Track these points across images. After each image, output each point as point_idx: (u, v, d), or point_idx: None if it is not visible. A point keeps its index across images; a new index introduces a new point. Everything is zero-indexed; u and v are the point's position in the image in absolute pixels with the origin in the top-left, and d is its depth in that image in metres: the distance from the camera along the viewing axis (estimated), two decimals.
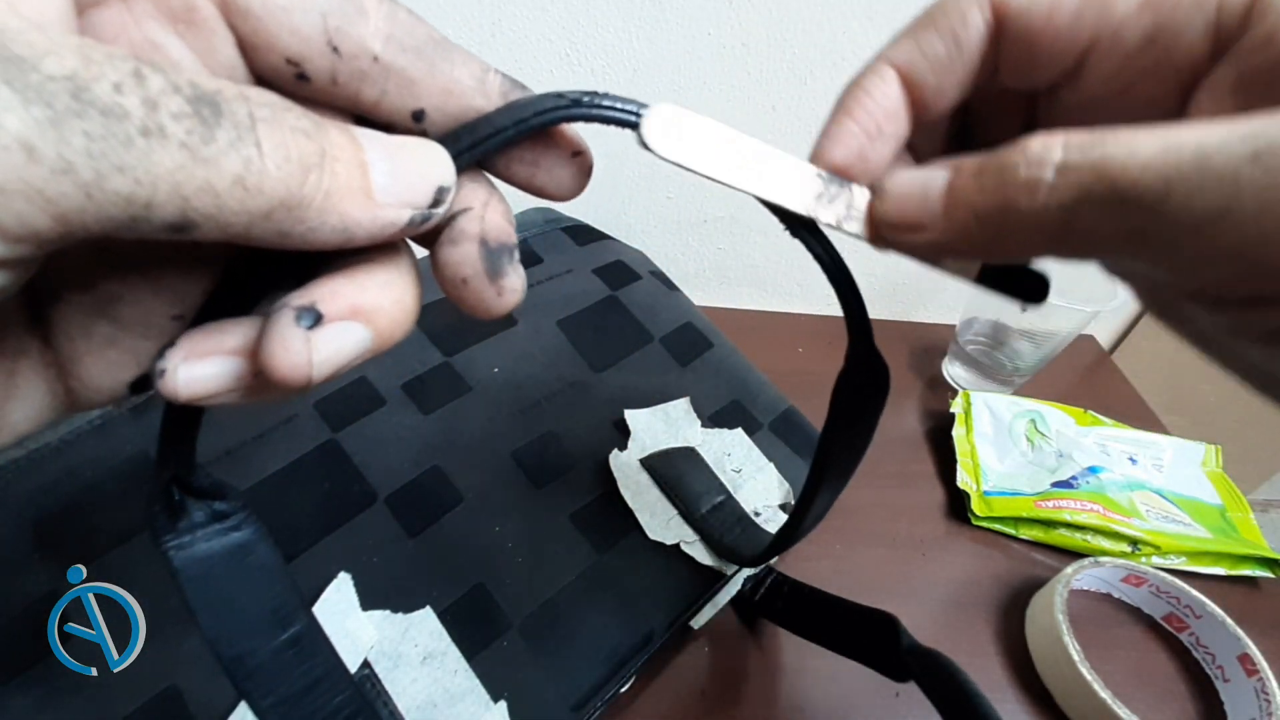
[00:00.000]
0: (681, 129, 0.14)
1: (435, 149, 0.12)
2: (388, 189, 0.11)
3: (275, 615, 0.15)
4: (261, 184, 0.10)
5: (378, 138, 0.12)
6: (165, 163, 0.09)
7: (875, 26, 0.46)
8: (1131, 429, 0.49)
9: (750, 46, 0.47)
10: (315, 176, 0.10)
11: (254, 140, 0.10)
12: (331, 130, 0.11)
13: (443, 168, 0.12)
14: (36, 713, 0.24)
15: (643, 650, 0.31)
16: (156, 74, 0.09)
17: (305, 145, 0.10)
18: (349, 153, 0.11)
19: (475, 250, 0.13)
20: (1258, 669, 0.34)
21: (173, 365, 0.11)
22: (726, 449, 0.38)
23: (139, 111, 0.09)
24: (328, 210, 0.11)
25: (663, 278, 0.47)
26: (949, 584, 0.41)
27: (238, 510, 0.15)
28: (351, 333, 0.12)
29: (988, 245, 0.13)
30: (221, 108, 0.09)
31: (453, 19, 0.44)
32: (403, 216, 0.12)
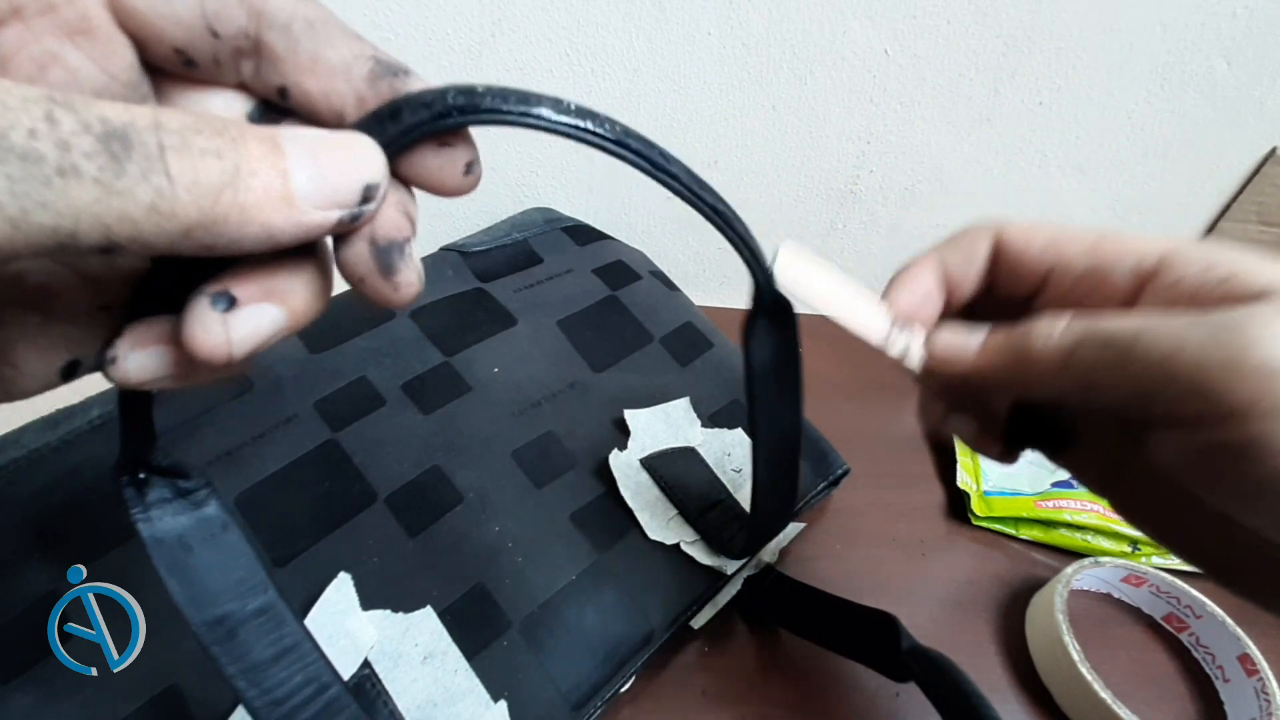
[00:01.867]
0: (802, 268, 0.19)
1: (365, 145, 0.13)
2: (311, 194, 0.12)
3: (241, 585, 0.16)
4: (174, 209, 0.10)
5: (302, 139, 0.12)
6: (82, 197, 0.10)
7: (875, 26, 0.46)
8: None
9: (750, 46, 0.47)
10: (229, 194, 0.11)
11: (163, 170, 0.10)
12: (250, 142, 0.11)
13: (371, 165, 0.13)
14: (36, 713, 0.24)
15: (643, 650, 0.31)
16: (68, 114, 0.09)
17: (215, 167, 0.11)
18: (267, 163, 0.11)
19: (365, 249, 0.13)
20: (1258, 669, 0.34)
21: (122, 353, 0.13)
22: (726, 449, 0.38)
23: (53, 154, 0.09)
24: (247, 223, 0.11)
25: (663, 278, 0.47)
26: (949, 584, 0.41)
27: (201, 487, 0.16)
28: (265, 313, 0.13)
29: (1009, 377, 0.19)
30: (131, 140, 0.10)
31: (453, 19, 0.44)
32: (330, 218, 0.12)
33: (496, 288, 0.41)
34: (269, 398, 0.32)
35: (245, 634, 0.16)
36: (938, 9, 0.45)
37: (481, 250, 0.43)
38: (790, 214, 0.56)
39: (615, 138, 0.14)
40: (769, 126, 0.51)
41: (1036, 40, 0.47)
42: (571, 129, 0.13)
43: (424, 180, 0.14)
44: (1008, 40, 0.47)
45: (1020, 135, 0.52)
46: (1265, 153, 0.54)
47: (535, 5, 0.44)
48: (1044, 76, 0.49)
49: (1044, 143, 0.52)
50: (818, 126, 0.51)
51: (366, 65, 0.14)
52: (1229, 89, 0.50)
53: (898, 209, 0.56)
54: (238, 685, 0.16)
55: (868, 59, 0.47)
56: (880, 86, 0.49)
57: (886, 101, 0.50)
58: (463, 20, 0.44)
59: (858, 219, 0.57)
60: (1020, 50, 0.47)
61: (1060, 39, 0.47)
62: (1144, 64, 0.48)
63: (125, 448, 0.15)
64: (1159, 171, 0.54)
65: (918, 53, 0.47)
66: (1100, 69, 0.48)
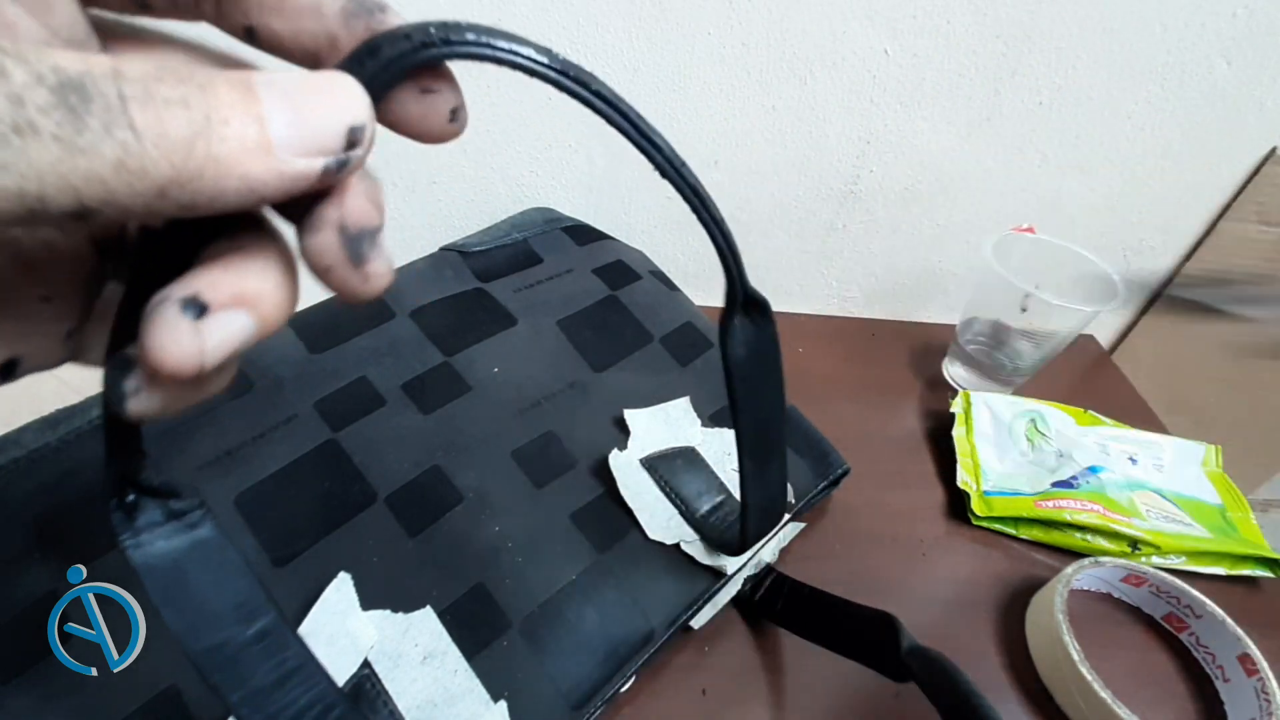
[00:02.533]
0: None
1: (346, 85, 0.12)
2: (292, 140, 0.11)
3: (241, 609, 0.16)
4: (144, 165, 0.10)
5: (276, 83, 0.11)
6: (44, 157, 0.09)
7: (875, 26, 0.46)
8: (1131, 429, 0.49)
9: (750, 46, 0.47)
10: (202, 145, 0.10)
11: (126, 123, 0.09)
12: (219, 88, 0.10)
13: (354, 105, 0.12)
14: (36, 713, 0.24)
15: (643, 650, 0.31)
16: (18, 65, 0.09)
17: (183, 117, 0.10)
18: (240, 109, 0.10)
19: (334, 238, 0.12)
20: (1258, 669, 0.34)
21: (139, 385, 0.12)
22: (726, 449, 0.38)
23: (6, 110, 0.09)
24: (224, 175, 0.10)
25: (663, 278, 0.47)
26: (949, 584, 0.41)
27: (194, 508, 0.15)
28: (237, 320, 0.12)
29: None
30: (89, 91, 0.09)
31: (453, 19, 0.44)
32: (314, 166, 0.11)
33: (496, 288, 0.41)
34: (269, 398, 0.32)
35: (247, 659, 0.15)
36: (938, 9, 0.45)
37: (481, 250, 0.43)
38: (790, 214, 0.56)
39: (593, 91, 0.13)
40: (769, 126, 0.51)
41: (1036, 40, 0.47)
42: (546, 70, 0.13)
43: (408, 127, 0.13)
44: (1008, 40, 0.47)
45: (1020, 135, 0.52)
46: (1265, 153, 0.54)
47: (535, 5, 0.44)
48: (1044, 76, 0.49)
49: (1044, 143, 0.52)
50: (818, 126, 0.51)
51: (339, 2, 0.13)
52: (1229, 89, 0.50)
53: (898, 209, 0.56)
54: (241, 713, 0.15)
55: (868, 59, 0.47)
56: (880, 86, 0.49)
57: (886, 101, 0.50)
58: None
59: (858, 219, 0.57)
60: (1020, 50, 0.47)
61: (1060, 39, 0.47)
62: (1144, 64, 0.48)
63: (111, 468, 0.14)
64: (1159, 171, 0.55)
65: (918, 53, 0.47)
66: (1100, 69, 0.48)
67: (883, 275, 0.61)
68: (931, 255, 0.60)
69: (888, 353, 0.57)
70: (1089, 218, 0.58)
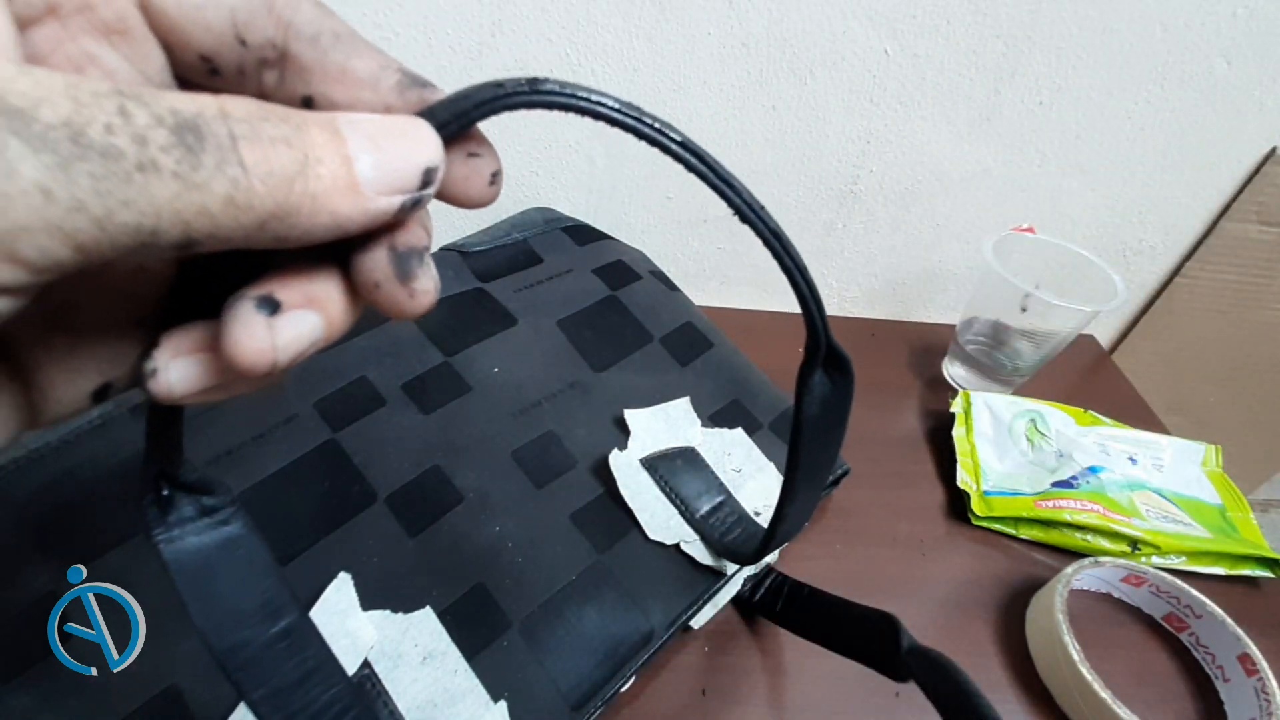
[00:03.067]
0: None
1: (421, 129, 0.13)
2: (374, 180, 0.12)
3: (266, 608, 0.16)
4: (250, 200, 0.10)
5: (361, 125, 0.12)
6: (163, 193, 0.09)
7: (875, 26, 0.46)
8: (1131, 429, 0.49)
9: (750, 46, 0.47)
10: (300, 183, 0.11)
11: (237, 160, 0.10)
12: (312, 129, 0.11)
13: (429, 148, 0.13)
14: (36, 713, 0.24)
15: (643, 650, 0.31)
16: (140, 107, 0.09)
17: (286, 155, 0.11)
18: (331, 150, 0.11)
19: (384, 255, 0.13)
20: (1258, 669, 0.34)
21: (163, 364, 0.12)
22: (726, 449, 0.38)
23: (131, 149, 0.09)
24: (318, 211, 0.11)
25: (663, 278, 0.47)
26: (949, 584, 0.41)
27: (226, 505, 0.16)
28: (308, 320, 0.12)
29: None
30: (203, 131, 0.10)
31: (453, 19, 0.44)
32: (393, 203, 0.12)
33: (496, 288, 0.41)
34: (269, 397, 0.32)
35: (270, 658, 0.15)
36: (938, 9, 0.45)
37: (481, 250, 0.43)
38: (790, 214, 0.56)
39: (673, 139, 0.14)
40: (769, 126, 0.51)
41: (1036, 40, 0.47)
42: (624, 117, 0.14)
43: (452, 189, 0.14)
44: (1008, 40, 0.47)
45: (1020, 135, 0.52)
46: (1265, 153, 0.54)
47: (535, 5, 0.44)
48: (1044, 76, 0.49)
49: (1044, 143, 0.52)
50: (818, 126, 0.51)
51: (394, 76, 0.14)
52: (1229, 89, 0.50)
53: (898, 209, 0.56)
54: (260, 711, 0.15)
55: (868, 59, 0.47)
56: (880, 86, 0.49)
57: (886, 101, 0.50)
58: (463, 20, 0.44)
59: (858, 219, 0.57)
60: (1020, 50, 0.47)
61: (1060, 39, 0.47)
62: (1144, 64, 0.48)
63: (150, 462, 0.14)
64: (1159, 171, 0.55)
65: (918, 53, 0.47)
66: (1100, 69, 0.48)
67: (883, 275, 0.61)
68: (931, 255, 0.60)
69: (888, 353, 0.57)
70: (1089, 218, 0.58)
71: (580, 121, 0.14)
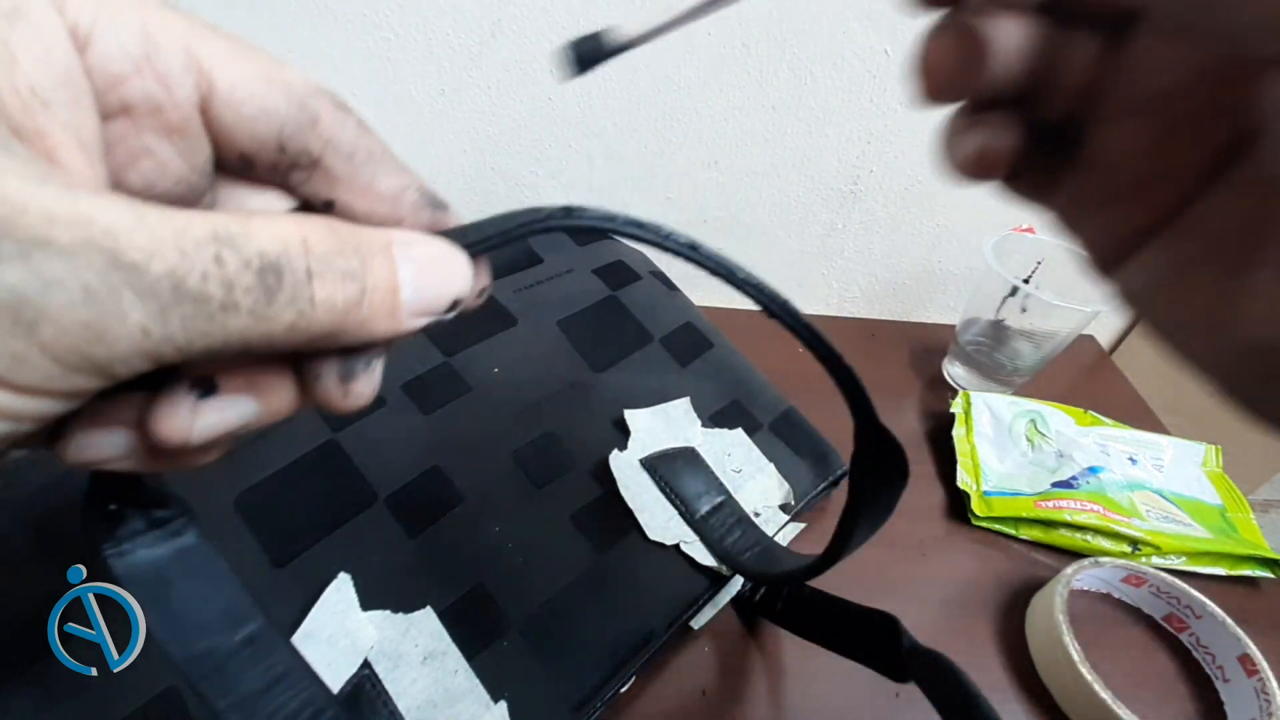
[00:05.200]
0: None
1: (459, 262, 0.14)
2: (411, 304, 0.13)
3: (227, 616, 0.16)
4: (310, 326, 0.12)
5: (412, 256, 0.13)
6: (236, 325, 0.11)
7: (875, 26, 0.46)
8: (1131, 429, 0.49)
9: (750, 46, 0.47)
10: (355, 311, 0.12)
11: (309, 296, 0.11)
12: (375, 260, 0.12)
13: (462, 280, 0.14)
14: (36, 713, 0.24)
15: (643, 650, 0.31)
16: (233, 253, 0.11)
17: (351, 289, 0.12)
18: (385, 280, 0.13)
19: (333, 366, 0.14)
20: (1258, 669, 0.34)
21: (73, 430, 0.12)
22: (726, 449, 0.38)
23: (219, 294, 0.11)
24: (360, 331, 0.12)
25: (663, 278, 0.47)
26: (949, 584, 0.41)
27: (178, 517, 0.16)
28: (237, 406, 0.13)
29: None
30: (283, 270, 0.11)
31: (453, 19, 0.44)
32: (419, 324, 0.13)
33: (496, 288, 0.41)
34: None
35: (235, 665, 0.15)
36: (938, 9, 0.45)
37: None
38: (790, 214, 0.56)
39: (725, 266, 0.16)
40: (769, 126, 0.51)
41: None
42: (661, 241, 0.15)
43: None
44: None
45: None
46: None
47: (535, 5, 0.44)
48: None
49: None
50: (818, 126, 0.51)
51: (413, 195, 0.15)
52: None
53: (898, 209, 0.56)
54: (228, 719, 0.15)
55: (868, 59, 0.47)
56: (880, 86, 0.49)
57: (886, 101, 0.50)
58: (463, 20, 0.44)
59: (858, 219, 0.57)
60: None
61: None
62: None
63: (95, 480, 0.14)
64: None
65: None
66: None
67: (883, 275, 0.61)
68: (931, 255, 0.60)
69: (888, 353, 0.57)
70: None
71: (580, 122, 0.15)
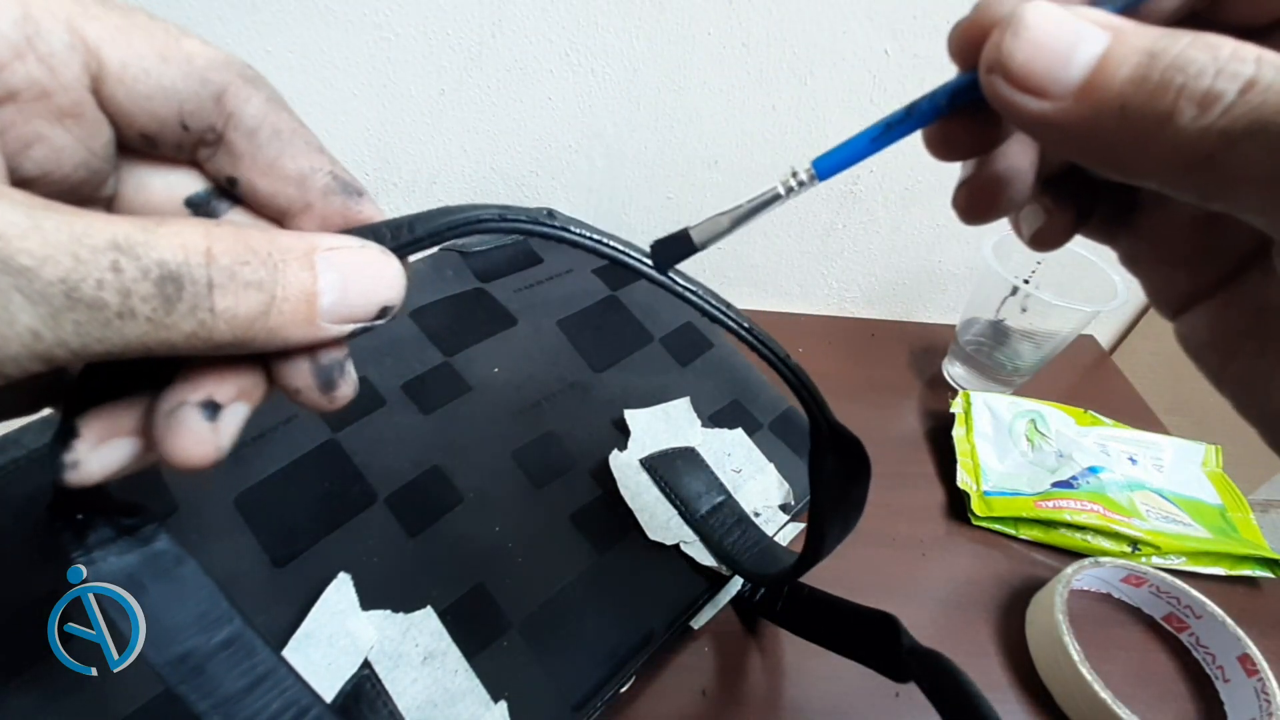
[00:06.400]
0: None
1: (390, 269, 0.14)
2: (334, 311, 0.13)
3: (203, 619, 0.16)
4: (212, 335, 0.11)
5: (335, 262, 0.13)
6: (134, 332, 0.11)
7: (875, 26, 0.46)
8: (1131, 429, 0.49)
9: (750, 46, 0.47)
10: (263, 321, 0.12)
11: (209, 306, 0.11)
12: (290, 267, 0.12)
13: (391, 287, 0.14)
14: (36, 713, 0.24)
15: (643, 650, 0.31)
16: (131, 262, 0.11)
17: (255, 299, 0.12)
18: (299, 289, 0.12)
19: (307, 368, 0.14)
20: (1258, 669, 0.34)
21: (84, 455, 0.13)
22: (726, 449, 0.38)
23: (115, 301, 0.10)
24: (272, 341, 0.12)
25: None
26: (949, 584, 0.41)
27: (147, 523, 0.16)
28: (241, 411, 0.14)
29: (1114, 151, 0.11)
30: (183, 280, 0.11)
31: (453, 19, 0.44)
32: (343, 331, 0.13)
33: (496, 288, 0.41)
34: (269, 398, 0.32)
35: (213, 668, 0.15)
36: (938, 9, 0.45)
37: (481, 250, 0.43)
38: (790, 214, 0.56)
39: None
40: (769, 126, 0.51)
41: None
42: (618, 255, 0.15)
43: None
44: None
45: None
46: None
47: (535, 5, 0.44)
48: None
49: None
50: (818, 126, 0.51)
51: (323, 180, 0.15)
52: None
53: (898, 209, 0.56)
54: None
55: (868, 59, 0.47)
56: (880, 86, 0.49)
57: (886, 101, 0.50)
58: (463, 20, 0.44)
59: (858, 219, 0.57)
60: None
61: None
62: None
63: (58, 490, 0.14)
64: None
65: (918, 53, 0.47)
66: None
67: (883, 275, 0.61)
68: (931, 255, 0.60)
69: (888, 353, 0.57)
70: None
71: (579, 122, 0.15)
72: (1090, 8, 0.12)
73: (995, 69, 0.12)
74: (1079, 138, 0.12)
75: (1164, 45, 0.10)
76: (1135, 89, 0.11)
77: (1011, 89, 0.12)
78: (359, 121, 0.48)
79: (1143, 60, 0.11)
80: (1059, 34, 0.11)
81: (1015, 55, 0.12)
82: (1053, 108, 0.11)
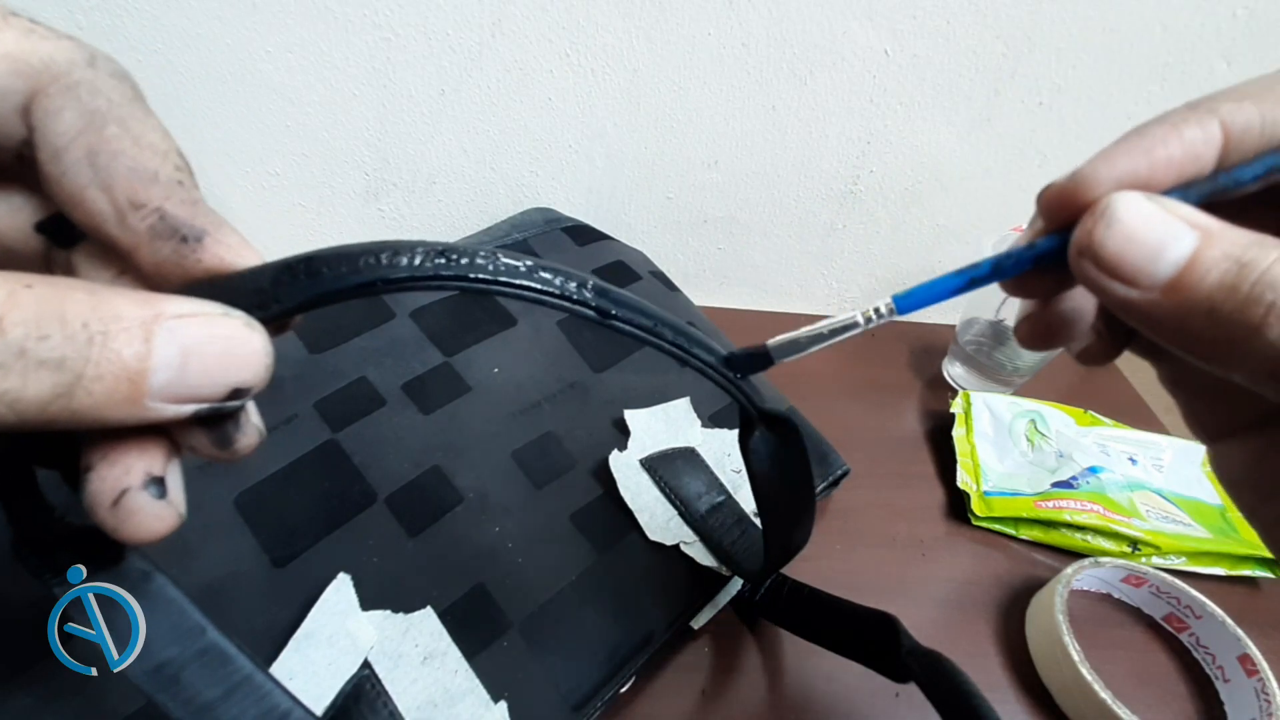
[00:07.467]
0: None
1: (247, 346, 0.12)
2: (167, 391, 0.11)
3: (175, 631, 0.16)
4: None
5: (179, 333, 0.11)
6: None
7: (875, 26, 0.46)
8: (1131, 429, 0.49)
9: (750, 46, 0.47)
10: (62, 402, 0.10)
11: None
12: (115, 341, 0.10)
13: (247, 368, 0.12)
14: (36, 713, 0.24)
15: (643, 650, 0.31)
16: None
17: (48, 380, 0.10)
18: (120, 366, 0.10)
19: (200, 434, 0.13)
20: (1258, 669, 0.34)
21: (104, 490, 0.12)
22: (726, 449, 0.38)
23: None
24: (81, 421, 0.10)
25: (663, 278, 0.47)
26: (949, 584, 0.41)
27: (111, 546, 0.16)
28: (177, 469, 0.13)
29: (1200, 344, 0.12)
30: None
31: (453, 19, 0.44)
32: (183, 411, 0.11)
33: None
34: (269, 398, 0.32)
35: (190, 676, 0.16)
36: (938, 9, 0.45)
37: None
38: (790, 214, 0.56)
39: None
40: (769, 126, 0.51)
41: (1036, 40, 0.47)
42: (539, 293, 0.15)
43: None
44: (1008, 40, 0.47)
45: (1020, 135, 0.52)
46: None
47: (535, 5, 0.44)
48: (1044, 76, 0.49)
49: (1044, 143, 0.52)
50: (818, 126, 0.51)
51: (149, 220, 0.12)
52: None
53: (898, 209, 0.56)
54: None
55: (868, 59, 0.47)
56: (880, 86, 0.49)
57: (886, 101, 0.50)
58: (463, 20, 0.44)
59: (858, 219, 0.57)
60: (1020, 50, 0.47)
61: (1060, 39, 0.47)
62: (1144, 64, 0.48)
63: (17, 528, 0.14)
64: None
65: (918, 53, 0.47)
66: (1100, 69, 0.48)
67: (883, 276, 0.61)
68: (931, 255, 0.60)
69: (888, 353, 0.57)
70: None
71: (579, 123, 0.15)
72: (1180, 203, 0.12)
73: (1086, 254, 0.12)
74: (1167, 327, 0.12)
75: (1253, 256, 0.11)
76: (1225, 296, 0.11)
77: (1101, 274, 0.12)
78: (359, 121, 0.48)
79: (1231, 268, 0.11)
80: (1150, 229, 0.12)
81: (1107, 245, 0.12)
82: (1140, 297, 0.12)
